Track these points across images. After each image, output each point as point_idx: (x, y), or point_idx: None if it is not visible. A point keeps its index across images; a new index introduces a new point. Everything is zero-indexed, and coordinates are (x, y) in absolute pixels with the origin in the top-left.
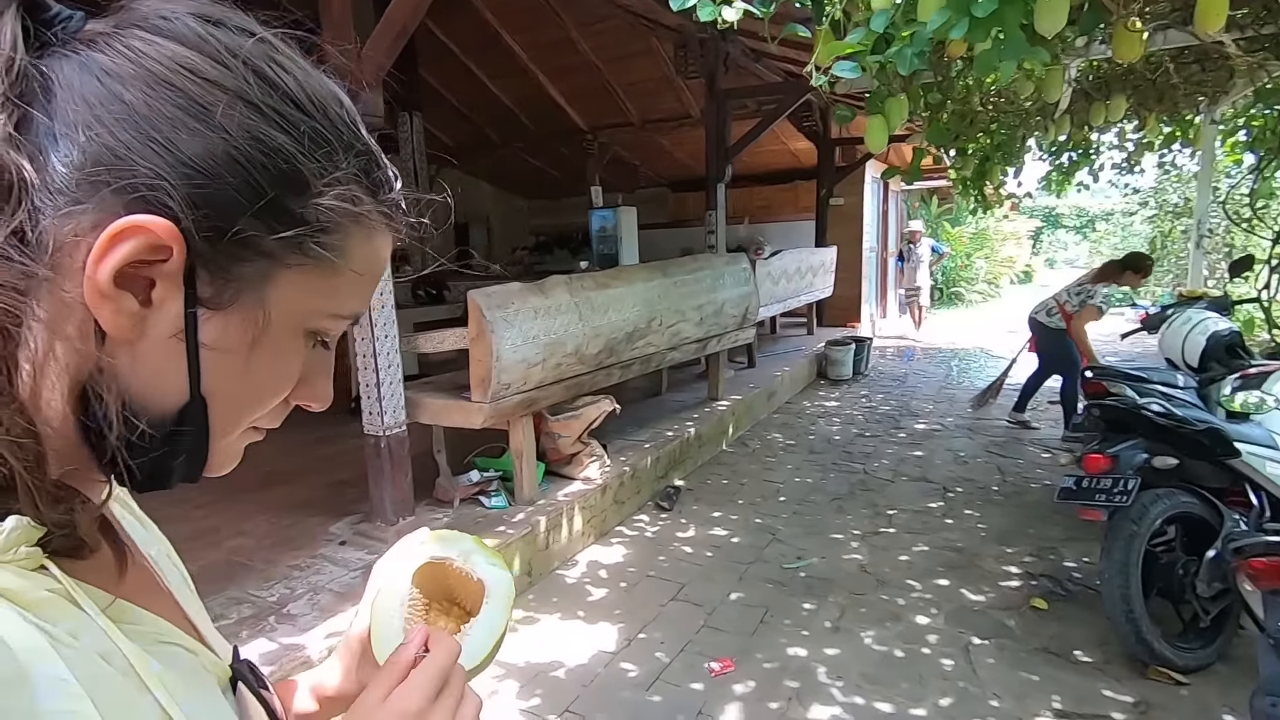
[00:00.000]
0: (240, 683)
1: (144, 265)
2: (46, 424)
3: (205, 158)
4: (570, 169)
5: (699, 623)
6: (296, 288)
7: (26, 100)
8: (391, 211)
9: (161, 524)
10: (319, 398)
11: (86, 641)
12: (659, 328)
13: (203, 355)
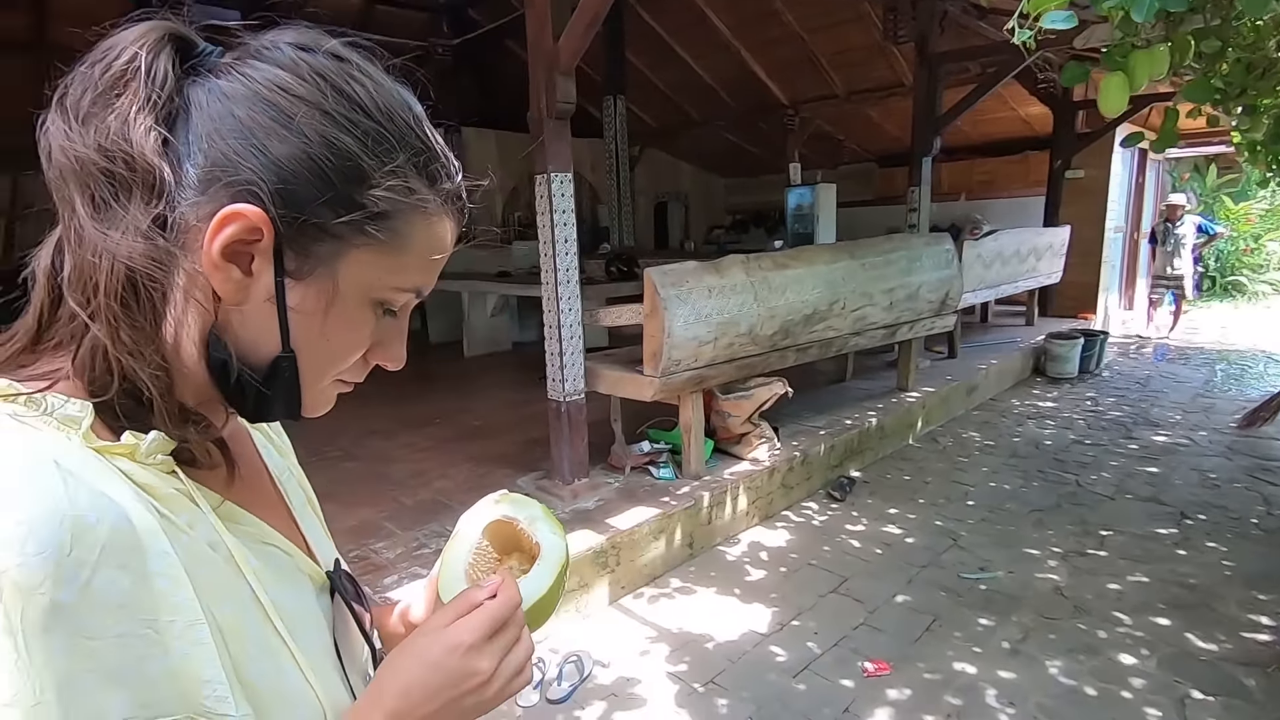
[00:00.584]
0: (336, 592)
1: (245, 244)
2: (184, 365)
3: (288, 158)
4: (769, 145)
5: (858, 619)
6: (361, 265)
7: (172, 121)
8: (448, 199)
9: (386, 464)
10: (393, 359)
11: (199, 532)
12: (842, 311)
13: (290, 316)
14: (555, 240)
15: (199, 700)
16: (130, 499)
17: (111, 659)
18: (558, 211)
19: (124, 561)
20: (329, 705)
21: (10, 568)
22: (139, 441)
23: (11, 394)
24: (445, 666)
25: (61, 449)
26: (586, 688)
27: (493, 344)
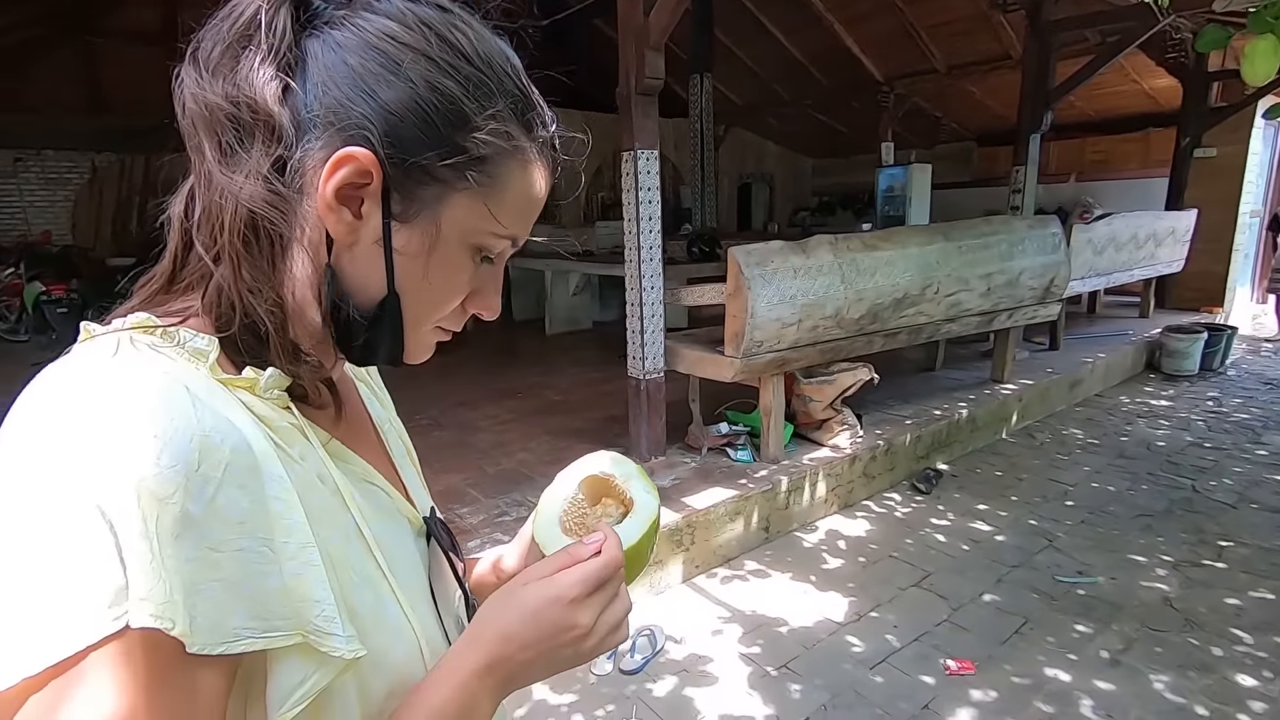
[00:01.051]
0: (433, 537)
1: (356, 187)
2: (297, 305)
3: (396, 103)
4: (861, 124)
5: (941, 616)
6: (462, 209)
7: (290, 71)
8: (543, 147)
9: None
10: (489, 308)
11: (309, 464)
12: (934, 296)
13: (395, 259)
14: (640, 217)
15: (309, 618)
16: (249, 427)
17: (232, 571)
18: (643, 189)
19: (243, 482)
20: (424, 640)
21: (148, 477)
22: (258, 376)
23: (150, 326)
24: (546, 617)
25: (191, 377)
26: (659, 661)
27: (573, 322)
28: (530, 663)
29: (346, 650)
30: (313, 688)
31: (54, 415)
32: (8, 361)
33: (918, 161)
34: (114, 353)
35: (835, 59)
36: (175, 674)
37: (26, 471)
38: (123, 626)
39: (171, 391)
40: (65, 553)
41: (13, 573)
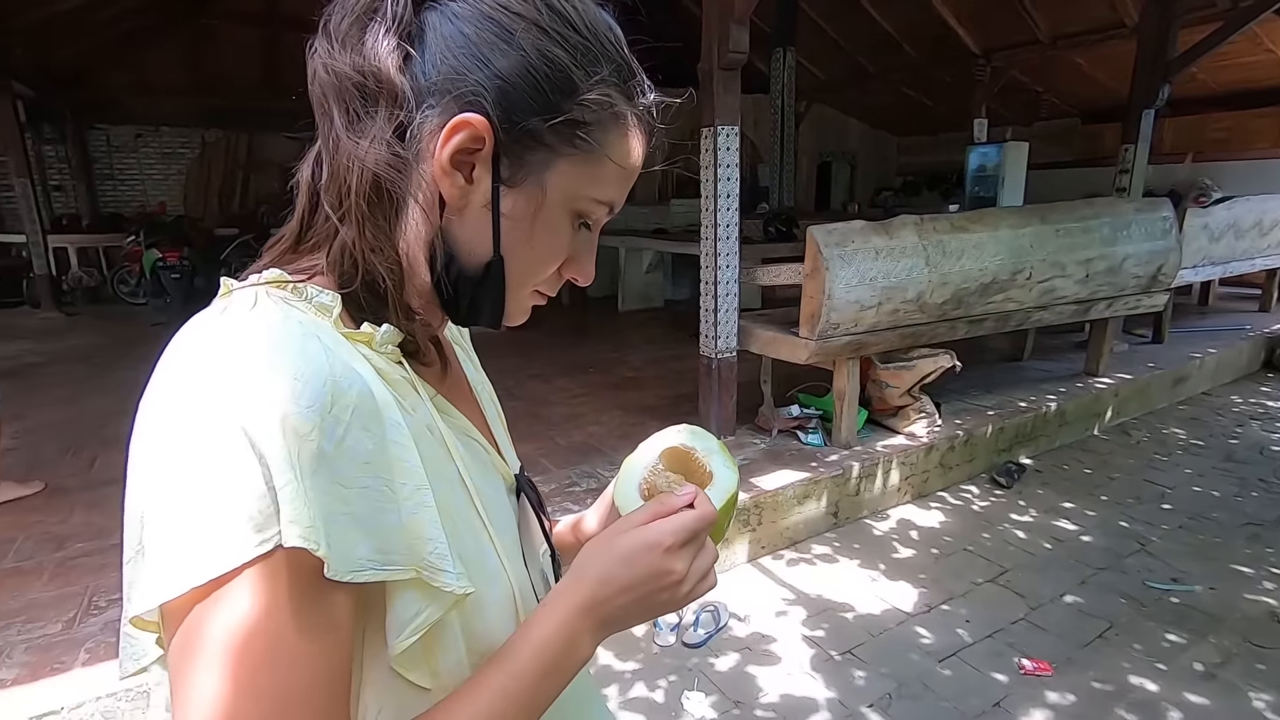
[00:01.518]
0: (522, 493)
1: (469, 152)
2: (410, 265)
3: (508, 71)
4: (952, 100)
5: (1017, 614)
6: (567, 175)
7: (410, 42)
8: (643, 113)
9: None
10: (584, 274)
11: (419, 415)
12: (1026, 282)
13: (502, 222)
14: (717, 195)
15: (423, 555)
16: (370, 376)
17: (359, 507)
18: (722, 165)
19: (367, 425)
20: (517, 589)
21: (290, 415)
22: (375, 331)
23: (282, 281)
24: (644, 563)
25: (320, 328)
26: (721, 637)
27: (646, 300)
28: (628, 606)
29: (457, 586)
30: (425, 620)
31: (205, 359)
32: (130, 321)
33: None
34: (253, 305)
35: (927, 30)
36: (316, 593)
37: (186, 408)
38: (274, 546)
39: (306, 339)
40: (223, 479)
41: (178, 496)
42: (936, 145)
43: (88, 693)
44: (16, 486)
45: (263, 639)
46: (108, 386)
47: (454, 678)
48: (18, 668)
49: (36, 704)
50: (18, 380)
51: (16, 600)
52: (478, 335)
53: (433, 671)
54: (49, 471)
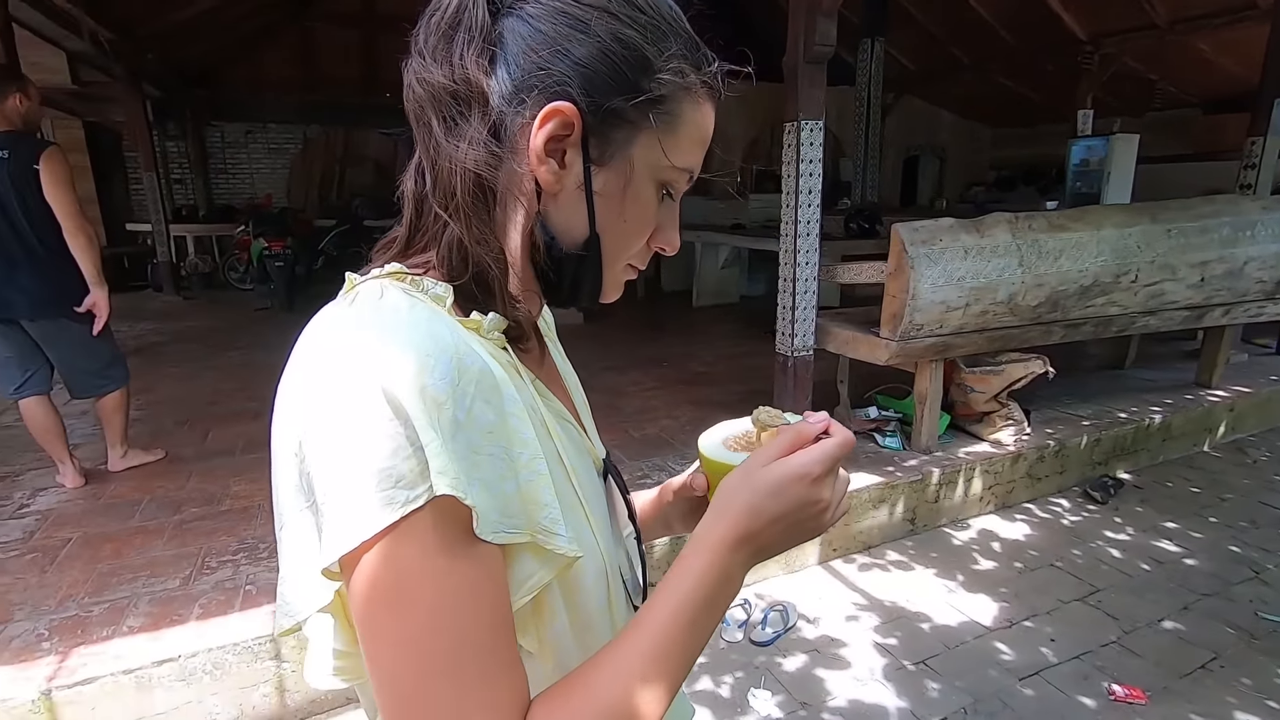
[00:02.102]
0: (610, 475)
1: (560, 139)
2: (511, 253)
3: (587, 57)
4: (1054, 90)
5: (1108, 636)
6: (649, 147)
7: (492, 47)
8: (712, 81)
9: (618, 397)
10: (670, 242)
11: (524, 396)
12: (1131, 285)
13: (595, 200)
14: (799, 191)
15: (538, 519)
16: (486, 355)
17: (488, 472)
18: (805, 161)
19: (488, 398)
20: (609, 565)
21: (427, 385)
22: (483, 320)
23: (401, 274)
24: (793, 494)
25: (439, 314)
26: (790, 638)
27: (721, 295)
28: (777, 535)
29: (569, 549)
30: (538, 582)
31: (346, 340)
32: (238, 305)
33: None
34: (380, 295)
35: (1028, 17)
36: (468, 545)
37: (335, 383)
38: (428, 499)
39: (434, 321)
40: (376, 442)
41: (338, 461)
42: (1034, 138)
43: (200, 644)
44: (142, 453)
45: (430, 581)
46: (219, 365)
47: (558, 645)
48: (143, 617)
49: (158, 651)
50: (143, 357)
51: (142, 557)
52: (557, 327)
53: (540, 637)
54: (168, 440)
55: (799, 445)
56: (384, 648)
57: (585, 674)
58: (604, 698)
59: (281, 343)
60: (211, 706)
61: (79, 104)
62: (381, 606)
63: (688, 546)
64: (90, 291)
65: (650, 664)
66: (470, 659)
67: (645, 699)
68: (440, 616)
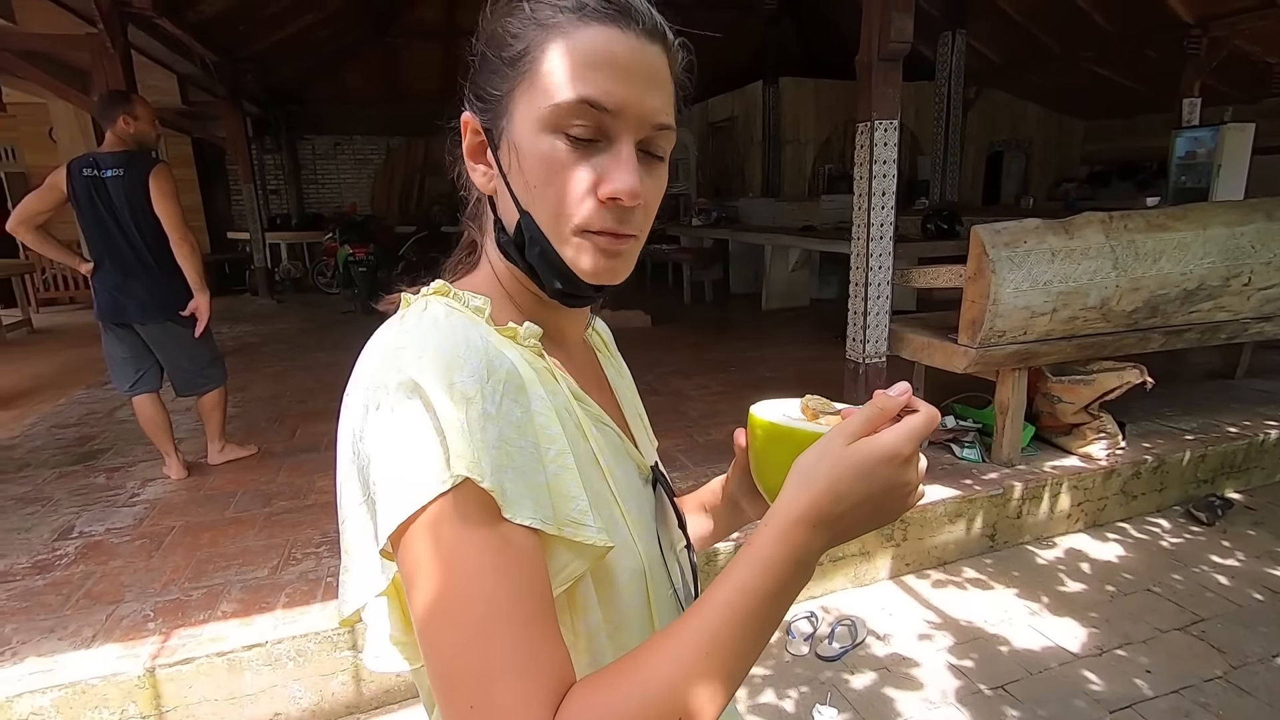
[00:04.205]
0: (658, 482)
1: (480, 146)
2: (502, 265)
3: (475, 64)
4: (1154, 78)
5: (1214, 671)
6: (522, 104)
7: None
8: (586, 9)
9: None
10: (617, 191)
11: (558, 398)
12: (1243, 289)
13: (510, 182)
14: (872, 193)
15: (567, 512)
16: (517, 359)
17: (520, 462)
18: (878, 162)
19: (516, 397)
20: (648, 565)
21: (456, 382)
22: (518, 328)
23: (446, 290)
24: (880, 475)
25: (476, 324)
26: (858, 654)
27: (790, 298)
28: (860, 519)
29: (599, 540)
30: (572, 572)
31: (391, 349)
32: (326, 308)
33: (1234, 121)
34: (424, 309)
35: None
36: (498, 525)
37: (380, 386)
38: (456, 482)
39: (467, 330)
40: (410, 434)
41: (382, 453)
42: (1130, 130)
43: (285, 631)
44: (238, 448)
45: (464, 556)
46: (307, 366)
47: (593, 640)
48: (235, 603)
49: (248, 636)
50: (240, 357)
51: (235, 545)
52: (623, 331)
53: (574, 630)
54: (261, 436)
55: (882, 422)
56: (427, 620)
57: (636, 657)
58: (652, 683)
59: (363, 344)
60: (294, 691)
61: (187, 122)
62: (423, 581)
63: (759, 530)
64: (194, 297)
65: (708, 650)
66: (502, 628)
67: (698, 688)
68: (472, 585)
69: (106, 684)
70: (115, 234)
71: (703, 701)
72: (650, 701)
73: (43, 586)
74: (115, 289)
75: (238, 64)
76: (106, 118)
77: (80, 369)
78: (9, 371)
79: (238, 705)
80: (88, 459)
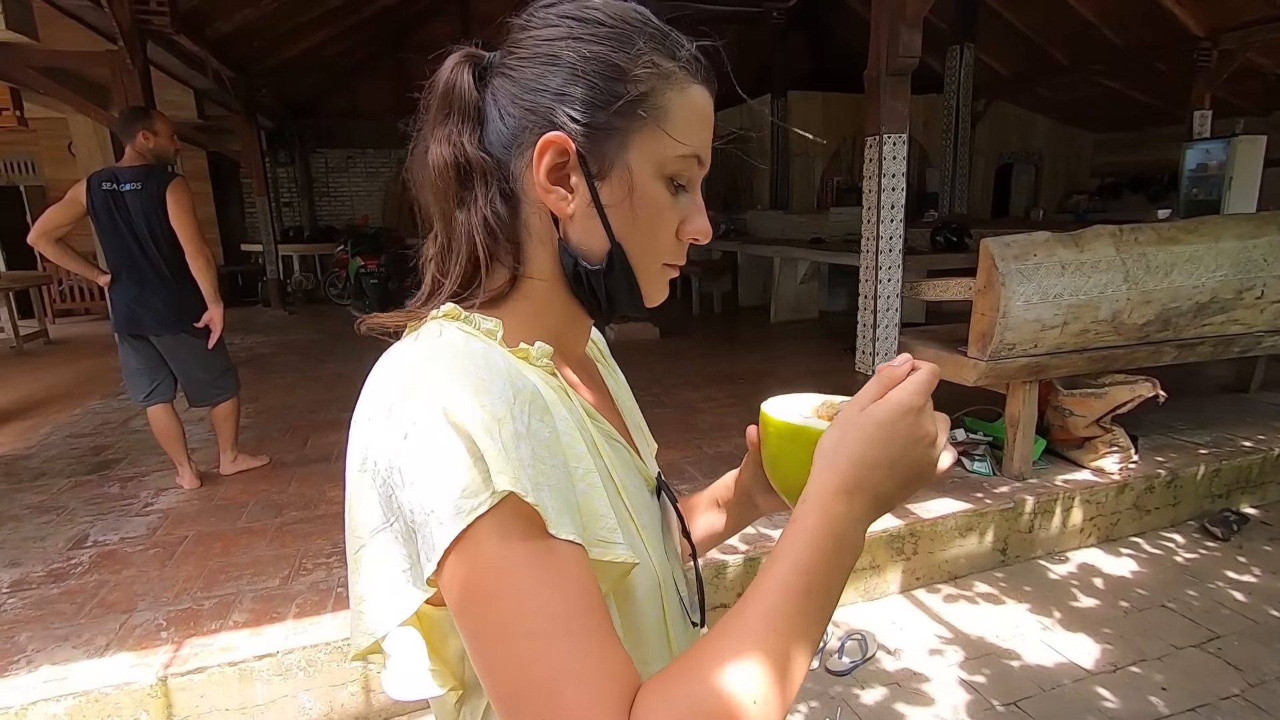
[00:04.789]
0: (662, 491)
1: (560, 167)
2: (546, 282)
3: (563, 84)
4: (1164, 91)
5: (1231, 688)
6: (643, 146)
7: (480, 118)
8: (689, 64)
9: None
10: (700, 231)
11: (574, 416)
12: (1256, 301)
13: (607, 212)
14: (880, 205)
15: (596, 530)
16: (537, 380)
17: (552, 479)
18: (887, 175)
19: (541, 417)
20: (661, 577)
21: (486, 404)
22: (530, 348)
23: (458, 315)
24: (899, 432)
25: (491, 347)
26: (868, 668)
27: (799, 311)
28: (893, 482)
29: (627, 557)
30: (601, 588)
31: (410, 374)
32: (337, 319)
33: (1246, 133)
34: (439, 333)
35: (1136, 13)
36: (543, 539)
37: (403, 412)
38: (496, 501)
39: (488, 352)
40: (446, 463)
41: (418, 485)
42: (1141, 142)
43: (296, 641)
44: (250, 459)
45: (512, 572)
46: (318, 377)
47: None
48: (246, 613)
49: (259, 646)
50: (252, 368)
51: (246, 555)
52: (632, 343)
53: None
54: (272, 446)
55: (890, 387)
56: (483, 644)
57: (701, 650)
58: (723, 672)
59: (374, 356)
60: (304, 701)
61: (203, 136)
62: (474, 605)
63: (799, 505)
64: (208, 308)
65: (771, 631)
66: (562, 638)
67: (768, 672)
68: (525, 600)
69: (119, 693)
70: (133, 247)
71: (773, 683)
72: (724, 691)
73: (57, 595)
74: (132, 301)
75: (253, 79)
76: (126, 133)
77: (95, 379)
78: (26, 381)
79: (248, 715)
80: (102, 468)
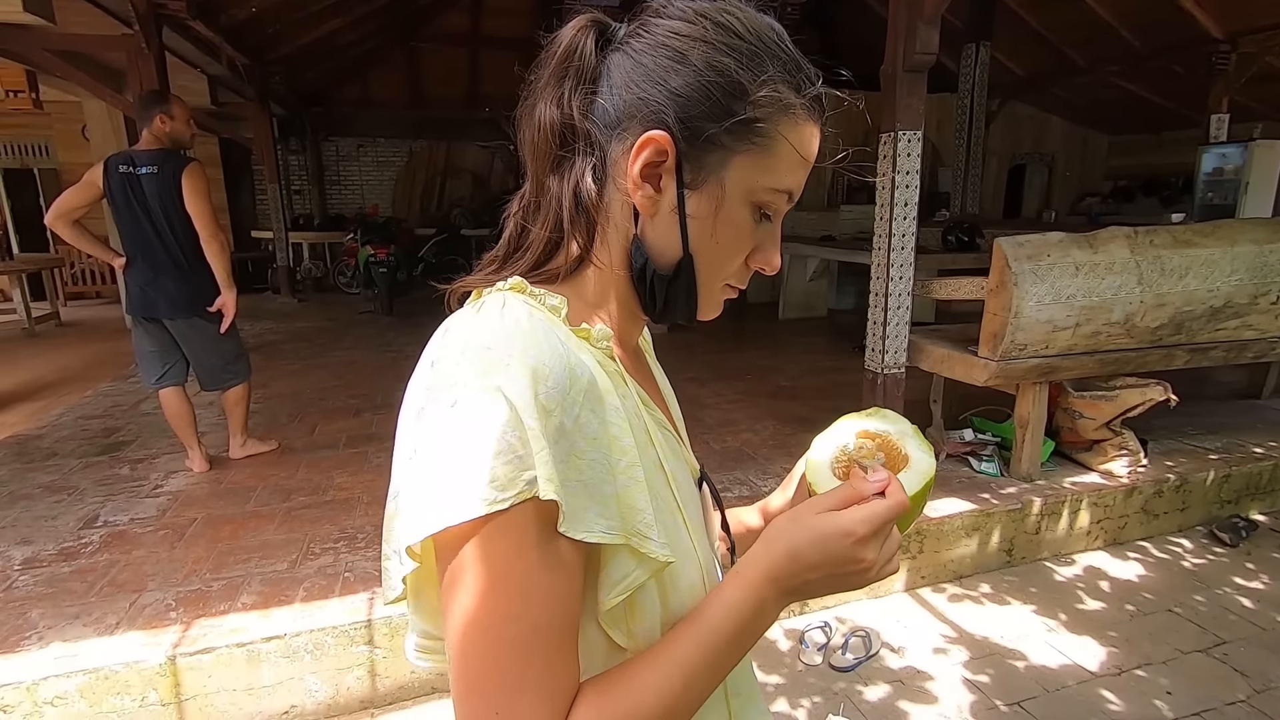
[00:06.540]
0: (705, 483)
1: (655, 165)
2: (614, 271)
3: (683, 87)
4: (1181, 94)
5: (1236, 694)
6: (742, 170)
7: (594, 86)
8: (812, 103)
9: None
10: (769, 263)
11: (628, 403)
12: (1271, 306)
13: (689, 223)
14: (894, 203)
15: (634, 524)
16: (594, 366)
17: (588, 475)
18: (900, 173)
19: (593, 408)
20: (705, 569)
21: (540, 394)
22: (592, 330)
23: (523, 288)
24: (834, 549)
25: (555, 325)
26: (872, 665)
27: (808, 308)
28: (814, 582)
29: (661, 554)
30: (633, 582)
31: (472, 348)
32: (346, 307)
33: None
34: (502, 306)
35: (1153, 15)
36: (554, 544)
37: (462, 386)
38: (528, 497)
39: (548, 334)
40: (490, 441)
41: (453, 452)
42: (1156, 145)
43: (303, 625)
44: (259, 444)
45: (516, 574)
46: (327, 364)
47: (647, 641)
48: (254, 595)
49: (267, 628)
50: (262, 354)
51: (255, 539)
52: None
53: (630, 632)
54: (281, 432)
55: (853, 501)
56: (464, 627)
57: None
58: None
59: (382, 344)
60: (311, 684)
61: (216, 122)
62: (468, 589)
63: (729, 576)
64: (221, 293)
65: (684, 682)
66: (538, 649)
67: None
68: (518, 606)
69: (129, 671)
70: (148, 230)
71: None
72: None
73: (68, 573)
74: (146, 284)
75: (266, 66)
76: (143, 116)
77: (106, 362)
78: (38, 363)
79: (255, 696)
80: (113, 450)
